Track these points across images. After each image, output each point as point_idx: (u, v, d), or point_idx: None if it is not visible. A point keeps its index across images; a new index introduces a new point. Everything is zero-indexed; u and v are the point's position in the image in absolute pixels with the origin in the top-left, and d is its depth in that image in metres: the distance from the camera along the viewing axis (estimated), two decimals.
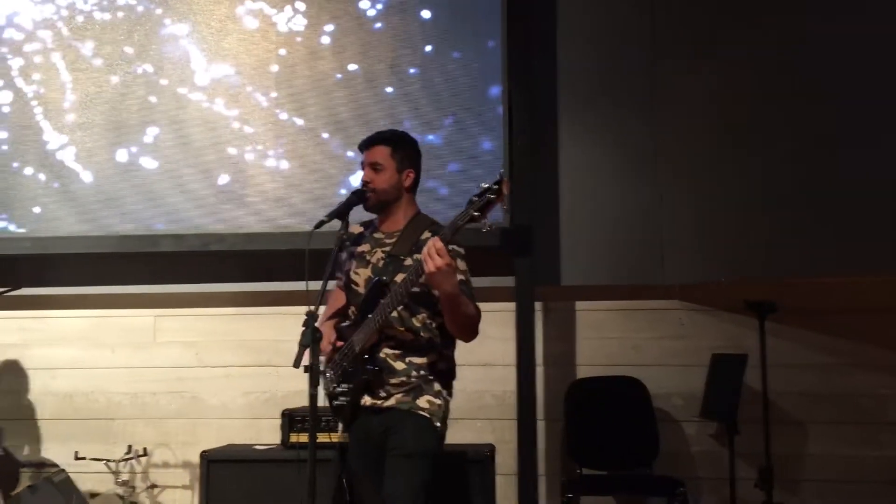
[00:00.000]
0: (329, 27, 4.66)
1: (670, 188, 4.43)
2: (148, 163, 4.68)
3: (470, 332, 2.92)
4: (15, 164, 4.75)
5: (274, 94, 4.64)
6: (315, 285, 2.78)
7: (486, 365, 4.41)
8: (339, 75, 4.61)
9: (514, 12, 4.48)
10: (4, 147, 4.76)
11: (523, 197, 4.28)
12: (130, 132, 4.69)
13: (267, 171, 4.61)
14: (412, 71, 4.56)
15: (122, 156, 4.69)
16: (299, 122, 4.61)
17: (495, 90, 4.47)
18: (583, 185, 4.53)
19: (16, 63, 4.82)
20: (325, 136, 4.58)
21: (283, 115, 4.63)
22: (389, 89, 4.56)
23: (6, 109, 4.79)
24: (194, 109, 4.67)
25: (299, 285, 4.30)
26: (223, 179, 4.62)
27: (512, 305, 4.27)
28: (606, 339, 4.45)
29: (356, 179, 3.47)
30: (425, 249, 2.69)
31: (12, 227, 4.70)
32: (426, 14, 4.60)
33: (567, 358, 4.46)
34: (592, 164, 4.54)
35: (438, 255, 2.65)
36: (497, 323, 4.29)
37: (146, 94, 4.71)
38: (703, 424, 4.31)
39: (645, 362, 4.39)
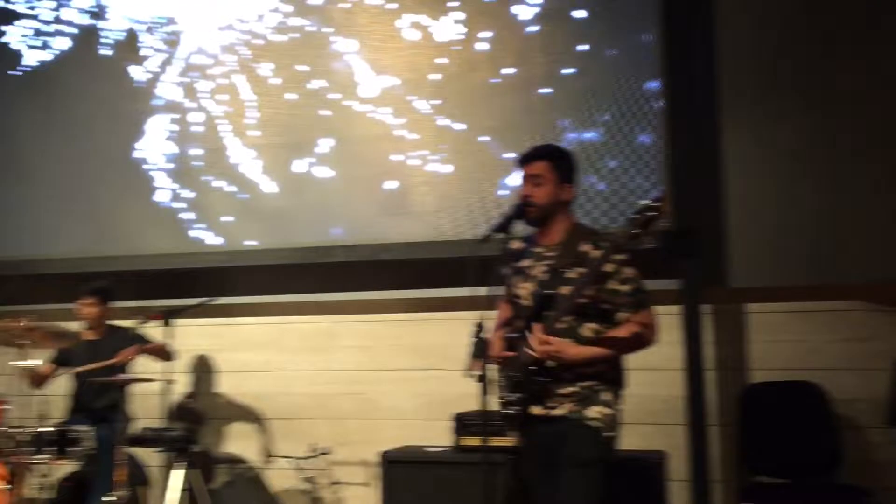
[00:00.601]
0: (485, 34, 4.73)
1: (847, 184, 4.20)
2: (322, 173, 4.94)
3: (640, 349, 2.99)
4: (208, 178, 5.13)
5: (435, 102, 4.78)
6: (477, 291, 2.88)
7: (654, 369, 4.34)
8: (496, 79, 4.68)
9: (669, 5, 4.39)
10: (199, 163, 5.16)
11: (687, 196, 4.19)
12: (305, 145, 4.97)
13: (429, 178, 4.75)
14: (568, 71, 4.57)
15: (298, 167, 4.98)
16: (459, 127, 4.73)
17: (652, 85, 4.40)
18: (748, 182, 4.37)
19: (205, 86, 5.21)
20: (484, 139, 4.67)
21: (444, 122, 4.76)
22: (546, 90, 4.59)
23: (198, 129, 5.19)
24: (362, 121, 4.88)
25: (462, 291, 4.45)
26: (390, 186, 4.81)
27: (678, 308, 4.19)
28: (780, 341, 4.28)
29: (513, 181, 3.54)
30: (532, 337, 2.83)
31: (210, 234, 5.09)
32: (580, 14, 4.58)
33: (738, 361, 4.33)
34: (758, 160, 4.37)
35: (544, 343, 2.80)
36: (663, 326, 4.20)
37: (318, 109, 4.97)
38: (890, 431, 4.07)
39: (824, 366, 4.18)
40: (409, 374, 4.85)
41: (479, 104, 4.69)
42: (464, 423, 4.19)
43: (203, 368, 5.19)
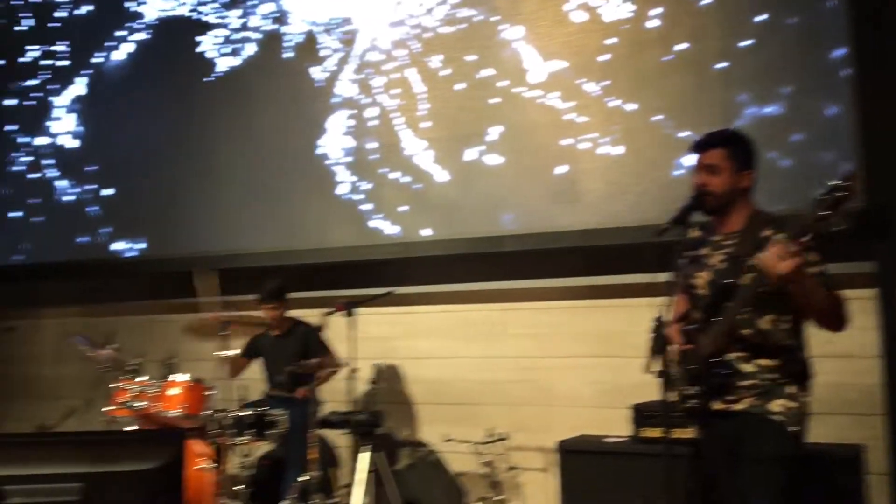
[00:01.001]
0: (656, 10, 4.58)
1: None
2: (492, 160, 4.98)
3: (837, 320, 2.84)
4: (384, 170, 5.30)
5: (605, 83, 4.69)
6: (655, 278, 2.81)
7: (847, 356, 4.09)
8: (668, 57, 4.53)
9: None
10: (375, 155, 5.34)
11: (879, 172, 3.88)
12: (475, 134, 5.02)
13: (600, 162, 4.67)
14: (745, 43, 4.35)
15: (469, 156, 5.04)
16: (631, 107, 4.61)
17: (838, 53, 4.11)
18: None
19: (378, 81, 5.38)
20: (657, 119, 4.53)
21: (615, 103, 4.66)
22: (722, 65, 4.40)
23: (373, 123, 5.37)
24: (531, 107, 4.87)
25: (638, 278, 4.37)
26: (560, 171, 4.77)
27: (872, 293, 3.91)
28: None
29: (689, 161, 3.43)
30: (769, 253, 2.61)
31: (387, 224, 5.27)
32: None
33: None
34: None
35: (785, 256, 2.58)
36: (856, 311, 3.92)
37: (487, 97, 5.01)
38: None
39: None
40: (585, 361, 4.82)
41: (651, 83, 4.56)
42: (643, 414, 4.12)
43: (383, 355, 5.38)
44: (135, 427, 4.63)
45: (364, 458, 4.61)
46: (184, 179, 5.92)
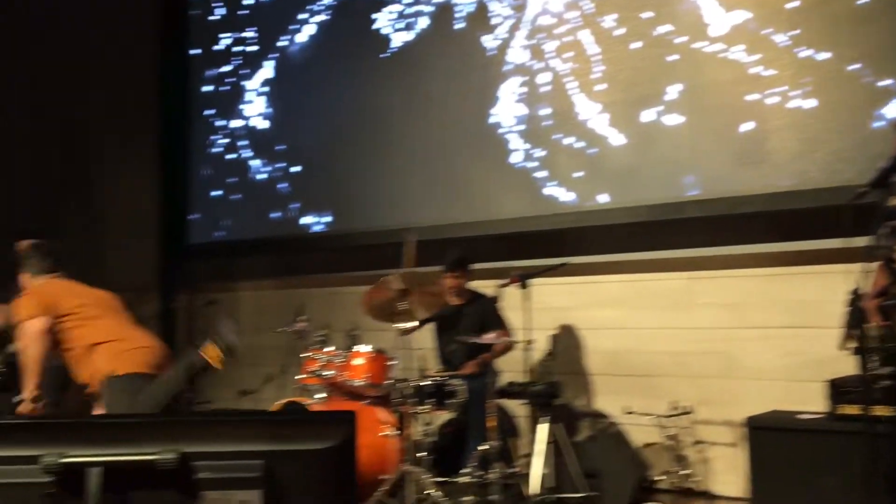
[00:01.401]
0: None
1: None
2: (671, 121, 4.76)
3: None
4: (557, 136, 5.20)
5: (794, 33, 4.34)
6: (852, 242, 2.59)
7: None
8: (864, 1, 4.13)
9: None
10: (549, 122, 5.25)
11: None
12: (653, 94, 4.82)
13: (790, 118, 4.34)
14: None
15: (646, 118, 4.84)
16: (823, 56, 4.25)
17: None
18: None
19: (551, 46, 5.26)
20: (854, 67, 4.14)
21: (806, 53, 4.30)
22: None
23: (546, 89, 5.27)
24: (712, 62, 4.60)
25: (833, 243, 4.03)
26: (746, 129, 4.49)
27: None
28: None
29: (891, 111, 3.12)
30: None
31: (562, 191, 5.18)
32: None
33: None
34: None
35: None
36: None
37: (665, 55, 4.78)
38: None
39: None
40: (776, 332, 4.54)
41: (846, 30, 4.18)
42: (840, 389, 3.82)
43: (560, 326, 5.31)
44: (323, 395, 4.85)
45: (542, 429, 4.58)
46: (364, 154, 6.09)
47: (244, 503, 1.31)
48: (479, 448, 4.54)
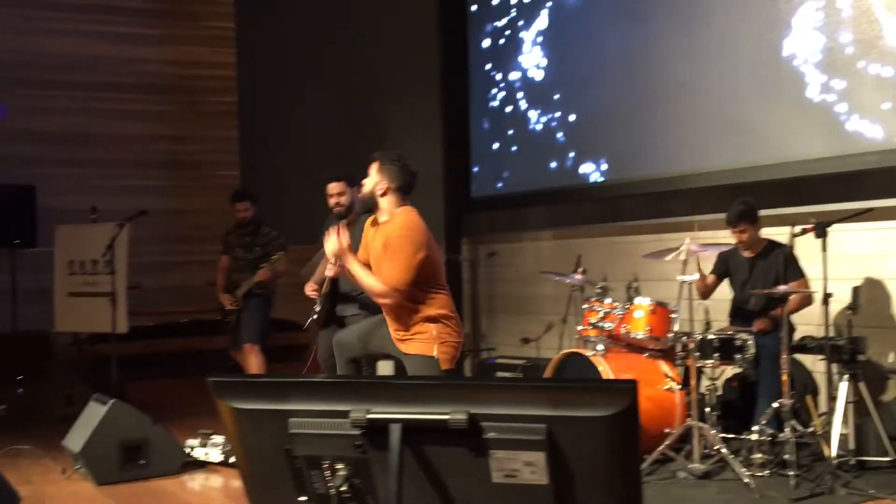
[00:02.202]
0: None
1: None
2: None
3: None
4: (861, 65, 4.68)
5: None
6: None
7: None
8: None
9: None
10: (851, 49, 4.72)
11: None
12: None
13: None
14: None
15: None
16: None
17: None
18: None
19: None
20: None
21: None
22: None
23: (847, 13, 4.73)
24: None
25: None
26: None
27: None
28: None
29: None
30: None
31: (866, 123, 4.67)
32: None
33: None
34: None
35: None
36: None
37: None
38: None
39: None
40: None
41: None
42: None
43: (865, 277, 4.82)
44: (601, 347, 4.82)
45: (843, 387, 4.23)
46: (640, 98, 5.88)
47: (529, 464, 1.37)
48: (772, 405, 4.30)
